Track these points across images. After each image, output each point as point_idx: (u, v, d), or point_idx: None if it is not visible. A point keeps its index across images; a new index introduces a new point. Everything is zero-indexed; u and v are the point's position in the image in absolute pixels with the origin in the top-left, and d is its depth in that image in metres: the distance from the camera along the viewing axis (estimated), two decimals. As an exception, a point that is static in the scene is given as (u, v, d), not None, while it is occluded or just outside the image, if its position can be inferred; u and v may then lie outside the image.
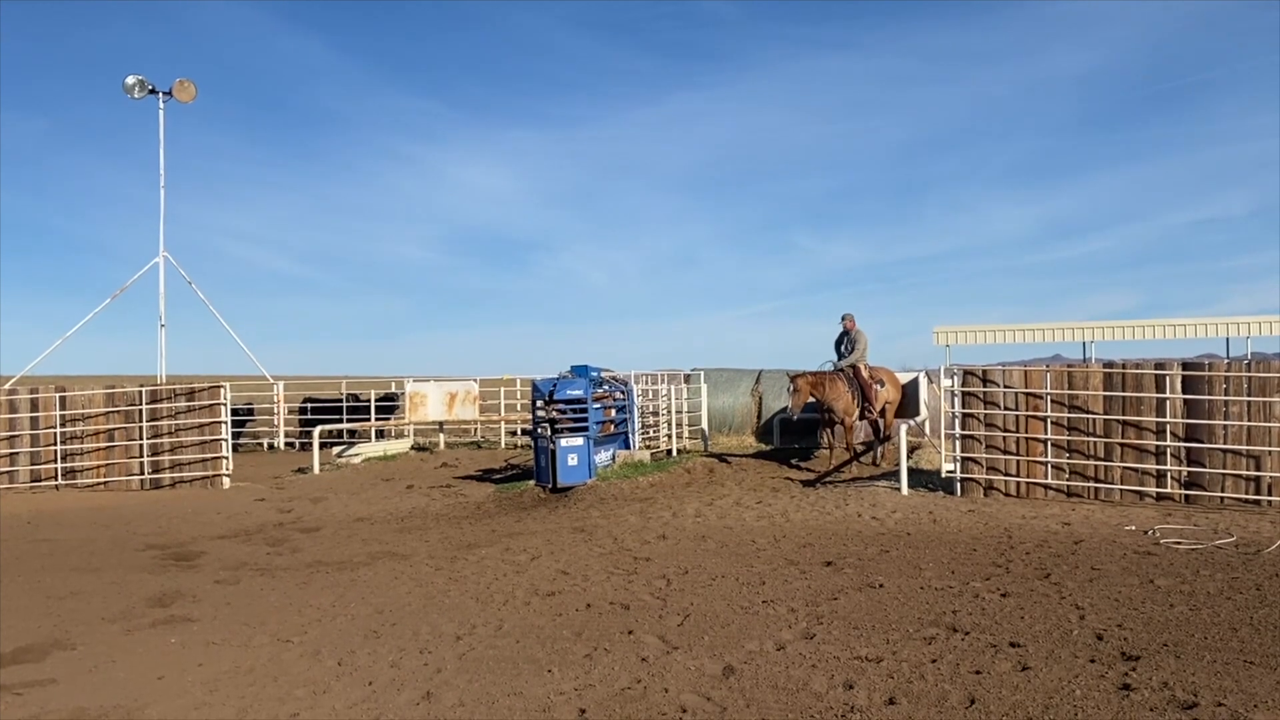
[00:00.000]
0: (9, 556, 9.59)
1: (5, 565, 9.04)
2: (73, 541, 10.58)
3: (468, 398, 20.56)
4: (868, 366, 15.52)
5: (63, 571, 8.70)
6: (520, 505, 12.38)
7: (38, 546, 10.31)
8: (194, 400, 16.01)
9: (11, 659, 5.85)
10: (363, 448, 19.97)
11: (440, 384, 20.79)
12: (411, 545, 9.56)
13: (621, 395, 15.63)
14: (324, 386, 27.23)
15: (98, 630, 6.52)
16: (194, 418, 15.95)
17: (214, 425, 15.90)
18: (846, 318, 15.81)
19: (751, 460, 15.83)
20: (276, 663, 5.62)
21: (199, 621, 6.68)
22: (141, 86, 23.79)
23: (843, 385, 15.05)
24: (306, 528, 11.02)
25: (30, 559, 9.44)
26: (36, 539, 10.83)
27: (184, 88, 23.94)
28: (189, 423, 15.95)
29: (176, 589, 7.71)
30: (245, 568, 8.61)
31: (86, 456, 16.11)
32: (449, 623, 6.41)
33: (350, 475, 16.69)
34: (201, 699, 5.01)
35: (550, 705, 4.74)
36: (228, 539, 10.37)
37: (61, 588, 7.92)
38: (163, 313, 23.82)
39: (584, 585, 7.42)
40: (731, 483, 13.53)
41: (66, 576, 8.40)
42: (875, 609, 6.42)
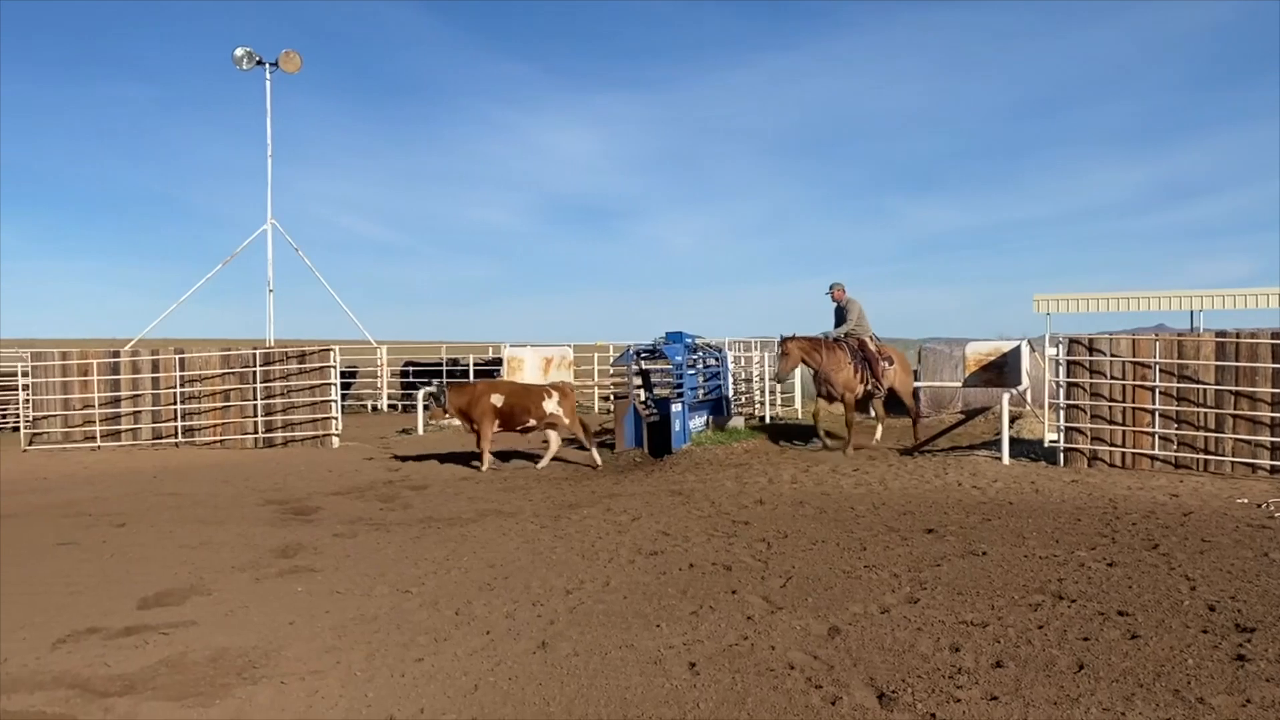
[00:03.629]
0: (141, 508, 10.18)
1: (139, 516, 9.59)
2: (197, 496, 11.15)
3: (563, 363, 20.86)
4: (875, 339, 14.35)
5: (191, 523, 9.20)
6: (616, 468, 12.61)
7: (165, 500, 10.91)
8: (305, 363, 16.64)
9: (155, 601, 6.26)
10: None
11: (536, 349, 21.13)
12: (516, 504, 9.85)
13: (715, 362, 15.74)
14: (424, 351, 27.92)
15: (229, 578, 6.93)
16: (305, 379, 16.58)
17: (324, 387, 16.51)
18: (835, 288, 14.44)
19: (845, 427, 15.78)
20: (398, 611, 5.92)
21: (322, 572, 7.04)
22: (249, 58, 24.50)
23: (844, 356, 13.81)
24: (415, 485, 11.42)
25: (160, 511, 10.00)
26: (163, 493, 11.45)
27: (289, 59, 24.58)
28: (300, 384, 16.58)
29: (298, 541, 8.11)
30: (361, 522, 9.00)
31: (204, 415, 16.89)
32: (557, 578, 6.64)
33: (452, 436, 17.15)
34: (331, 643, 5.31)
35: (661, 658, 4.92)
36: (341, 495, 10.81)
37: (192, 538, 8.39)
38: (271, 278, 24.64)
39: (685, 546, 7.58)
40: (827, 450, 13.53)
41: (195, 528, 8.88)
42: (979, 576, 6.44)
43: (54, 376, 17.19)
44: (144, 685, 4.69)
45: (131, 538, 8.49)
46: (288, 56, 24.50)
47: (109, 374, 17.06)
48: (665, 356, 14.18)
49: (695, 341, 15.08)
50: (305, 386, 16.64)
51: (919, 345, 19.91)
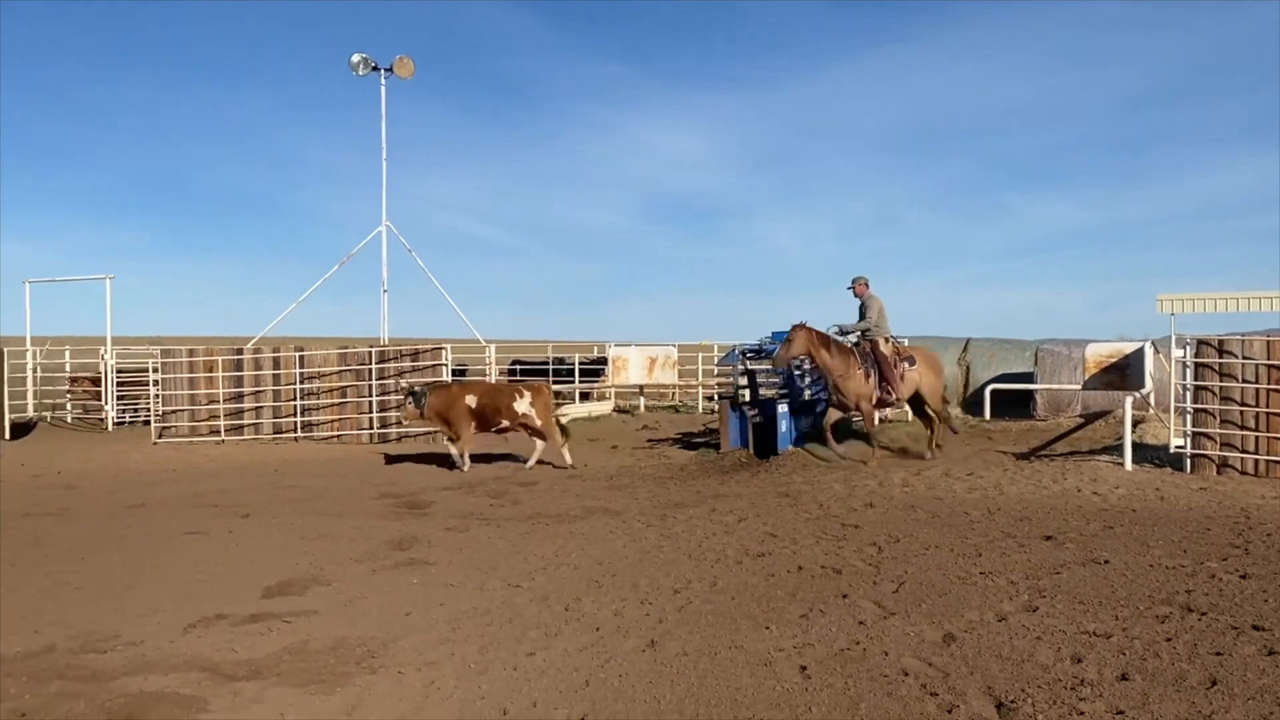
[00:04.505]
0: (264, 500, 10.58)
1: (262, 508, 9.96)
2: (316, 489, 11.54)
3: (667, 362, 20.95)
4: (891, 340, 13.09)
5: (311, 515, 9.51)
6: (722, 468, 12.57)
7: (286, 492, 11.32)
8: (418, 360, 17.06)
9: (278, 590, 6.49)
10: (568, 409, 20.68)
11: (641, 349, 21.26)
12: (622, 502, 9.91)
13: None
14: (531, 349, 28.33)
15: (348, 569, 7.13)
16: (417, 377, 16.98)
17: (436, 384, 16.89)
18: (857, 282, 13.22)
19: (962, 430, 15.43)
20: (509, 606, 6.01)
21: (436, 565, 7.20)
22: (365, 64, 25.17)
23: (854, 361, 12.67)
24: (523, 482, 11.58)
25: (282, 503, 10.38)
26: (284, 485, 11.87)
27: (403, 64, 25.18)
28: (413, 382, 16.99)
29: (413, 534, 8.30)
30: (472, 517, 9.17)
31: (322, 411, 17.45)
32: (665, 577, 6.64)
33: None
34: (446, 635, 5.43)
35: (771, 660, 4.88)
36: (452, 490, 11.04)
37: (312, 530, 8.67)
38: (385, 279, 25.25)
39: (793, 549, 7.51)
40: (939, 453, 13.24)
41: (315, 520, 9.18)
42: (1101, 585, 6.21)
43: (182, 373, 17.99)
44: (269, 671, 4.86)
45: (255, 528, 8.82)
46: (402, 62, 25.10)
47: (233, 370, 17.77)
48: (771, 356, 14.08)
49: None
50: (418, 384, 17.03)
51: (1035, 346, 19.30)
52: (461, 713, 4.29)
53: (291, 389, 17.52)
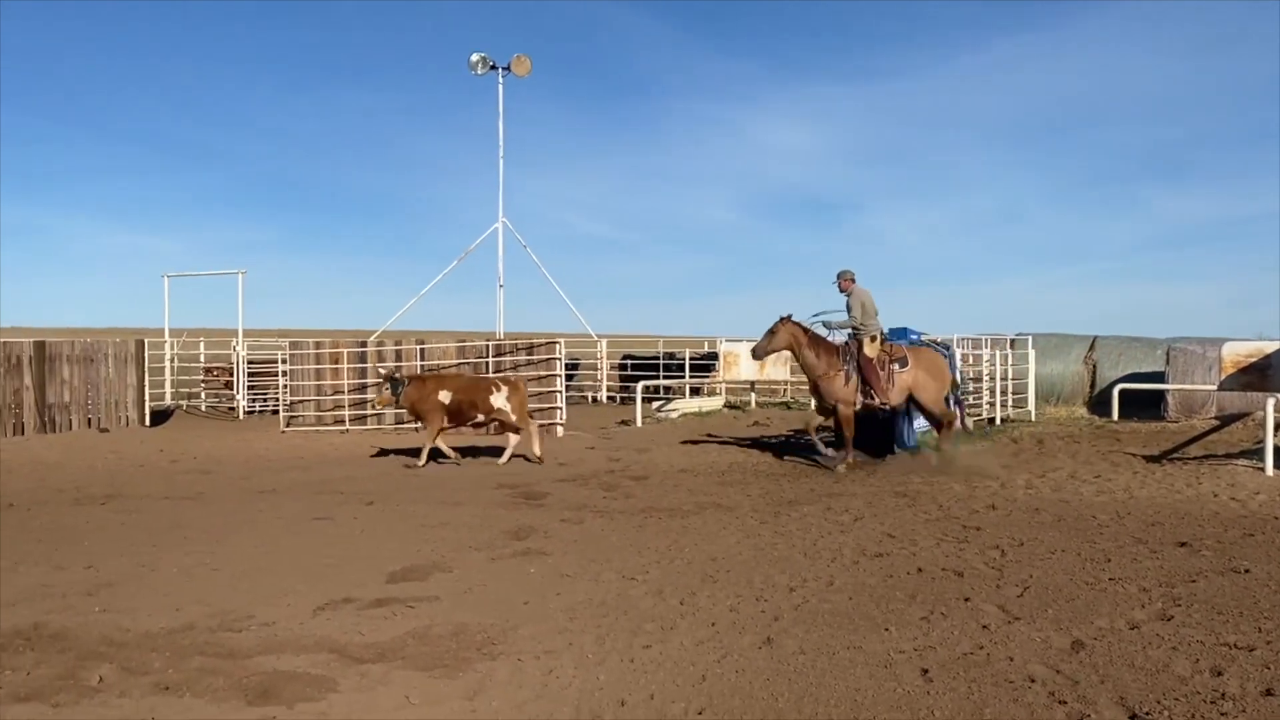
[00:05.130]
0: (387, 488, 10.89)
1: (385, 496, 10.26)
2: (435, 477, 11.83)
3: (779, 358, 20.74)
4: (879, 340, 12.23)
5: (430, 504, 9.75)
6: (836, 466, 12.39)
7: (408, 480, 11.63)
8: (533, 354, 17.33)
9: (402, 576, 6.68)
10: (679, 403, 20.72)
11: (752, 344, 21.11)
12: (734, 498, 9.87)
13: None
14: (642, 344, 28.46)
15: (467, 557, 7.29)
16: (532, 370, 17.25)
17: (550, 378, 17.13)
18: (842, 277, 12.46)
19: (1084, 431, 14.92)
20: (625, 598, 6.05)
21: (552, 555, 7.30)
22: (484, 63, 25.66)
23: (836, 362, 12.11)
24: (635, 476, 11.65)
25: (404, 491, 10.67)
26: (403, 474, 12.20)
27: (521, 62, 25.57)
28: (528, 375, 17.26)
29: (529, 525, 8.43)
30: (586, 509, 9.27)
31: (440, 403, 17.87)
32: (780, 574, 6.59)
33: (669, 429, 17.41)
34: (563, 625, 5.50)
35: (891, 662, 4.80)
36: (566, 482, 11.17)
37: (432, 518, 8.89)
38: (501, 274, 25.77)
39: (912, 549, 7.36)
40: (1064, 454, 12.83)
41: (435, 508, 9.41)
42: (1242, 595, 5.92)
43: (309, 364, 18.65)
44: (394, 654, 5.00)
45: (379, 515, 9.09)
46: (519, 61, 25.49)
47: (357, 362, 18.34)
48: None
49: (921, 338, 14.61)
50: (532, 377, 17.29)
51: (1166, 345, 18.50)
52: (580, 702, 4.34)
53: (411, 381, 17.98)
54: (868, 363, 12.08)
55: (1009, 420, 16.83)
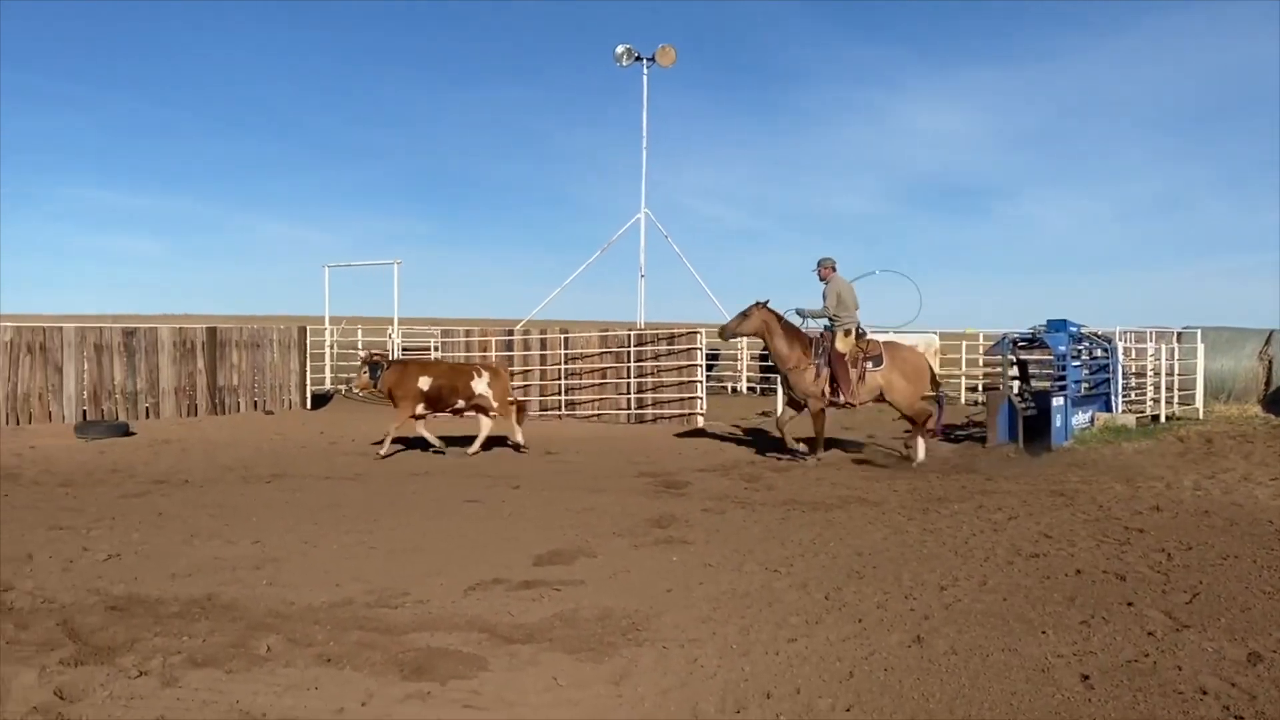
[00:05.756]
0: (533, 473, 11.13)
1: (531, 480, 10.48)
2: (578, 464, 12.01)
3: (928, 350, 20.23)
4: (852, 334, 11.64)
5: (574, 490, 9.90)
6: (987, 463, 11.97)
7: (551, 466, 11.85)
8: (673, 344, 17.38)
9: (548, 559, 6.80)
10: (823, 396, 20.42)
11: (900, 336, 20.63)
12: (880, 493, 9.66)
13: (1103, 353, 14.51)
14: (784, 335, 28.13)
15: (611, 542, 7.37)
16: (673, 360, 17.31)
17: (690, 368, 17.16)
18: (822, 265, 11.95)
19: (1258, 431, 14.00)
20: (769, 590, 6.00)
21: (694, 544, 7.30)
22: (629, 54, 25.80)
23: (809, 355, 11.65)
24: (777, 467, 11.55)
25: (547, 476, 10.87)
26: (550, 460, 12.44)
27: (665, 53, 25.60)
28: (668, 364, 17.34)
29: (671, 513, 8.46)
30: (728, 499, 9.24)
31: (583, 391, 18.15)
32: (930, 572, 6.42)
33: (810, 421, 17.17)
34: (707, 614, 5.49)
35: (1049, 666, 4.61)
36: (708, 472, 11.17)
37: (576, 503, 9.02)
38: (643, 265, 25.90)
39: (1070, 551, 7.05)
40: (1236, 455, 12.06)
41: (579, 494, 9.55)
42: None
43: (459, 352, 19.21)
44: (542, 636, 5.10)
45: (525, 499, 9.28)
46: (664, 51, 25.53)
47: (504, 350, 18.79)
48: (1046, 346, 13.27)
49: (1081, 330, 13.98)
50: (673, 367, 17.36)
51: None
52: (725, 693, 4.32)
53: (556, 369, 18.32)
54: (838, 358, 11.60)
55: (1174, 418, 15.94)
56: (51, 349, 16.30)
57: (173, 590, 6.00)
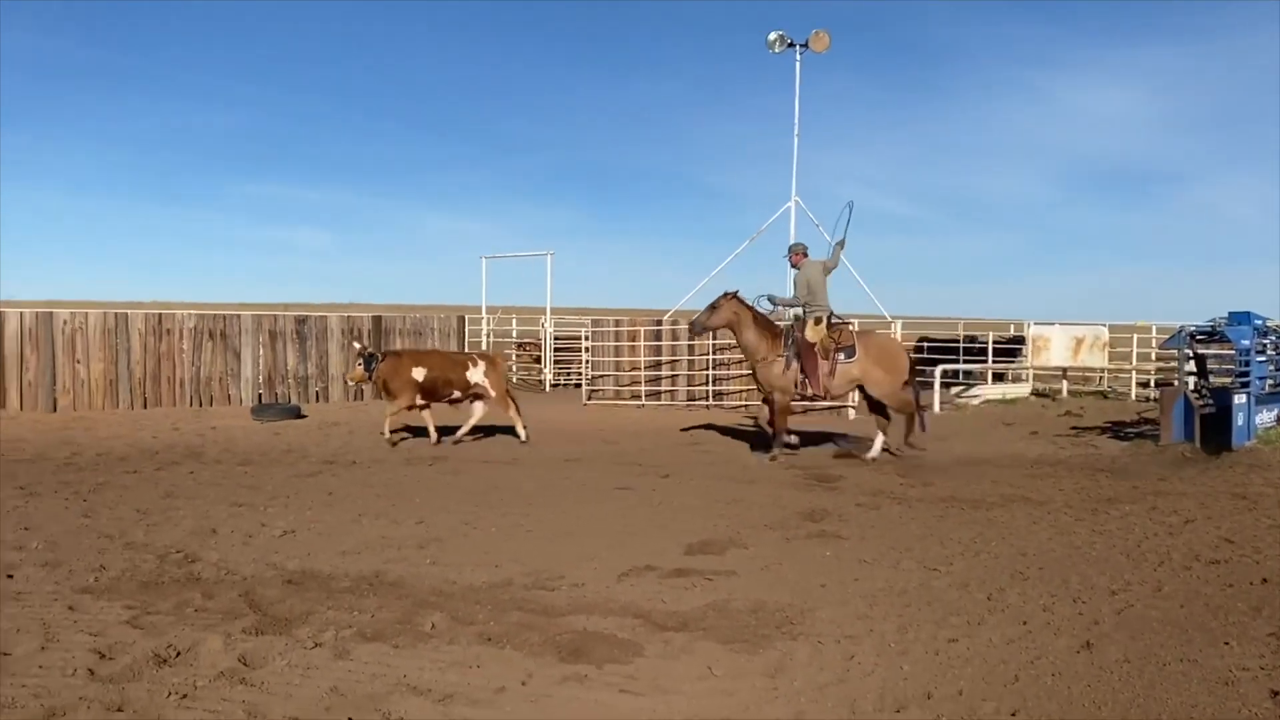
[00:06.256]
0: (681, 462, 11.17)
1: (680, 469, 10.53)
2: (726, 455, 11.99)
3: (1096, 344, 19.32)
4: (823, 323, 11.20)
5: (723, 480, 9.89)
6: (1160, 463, 11.33)
7: (700, 456, 11.87)
8: (827, 335, 17.14)
9: (699, 549, 6.82)
10: (981, 389, 19.79)
11: (1065, 328, 19.76)
12: (1045, 492, 9.27)
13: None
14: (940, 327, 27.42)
15: (761, 535, 7.33)
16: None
17: (843, 359, 16.87)
18: (794, 251, 11.73)
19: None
20: (927, 589, 5.85)
21: (848, 540, 7.18)
22: (781, 41, 25.47)
23: (779, 347, 11.24)
24: (934, 463, 11.24)
25: (697, 466, 10.90)
26: (698, 450, 12.46)
27: (819, 39, 25.17)
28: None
29: (823, 507, 8.35)
30: (882, 494, 9.05)
31: (731, 381, 18.10)
32: (1099, 576, 6.13)
33: (969, 416, 16.68)
34: (862, 611, 5.39)
35: (1233, 680, 4.33)
36: (860, 466, 10.96)
37: (726, 494, 9.01)
38: (793, 253, 25.64)
39: (1255, 558, 6.61)
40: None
41: (729, 485, 9.54)
42: None
43: (608, 341, 19.45)
44: (695, 624, 5.11)
45: (675, 488, 9.33)
46: (818, 36, 25.11)
47: (653, 340, 18.92)
48: (1227, 340, 12.45)
49: (1267, 324, 13.06)
50: (825, 358, 17.11)
51: None
52: (883, 691, 4.24)
53: (704, 359, 18.32)
54: (806, 348, 11.15)
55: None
56: (231, 336, 17.34)
57: (343, 566, 6.29)
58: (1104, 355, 19.33)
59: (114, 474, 9.96)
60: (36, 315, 16.21)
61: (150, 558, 6.44)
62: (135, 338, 16.63)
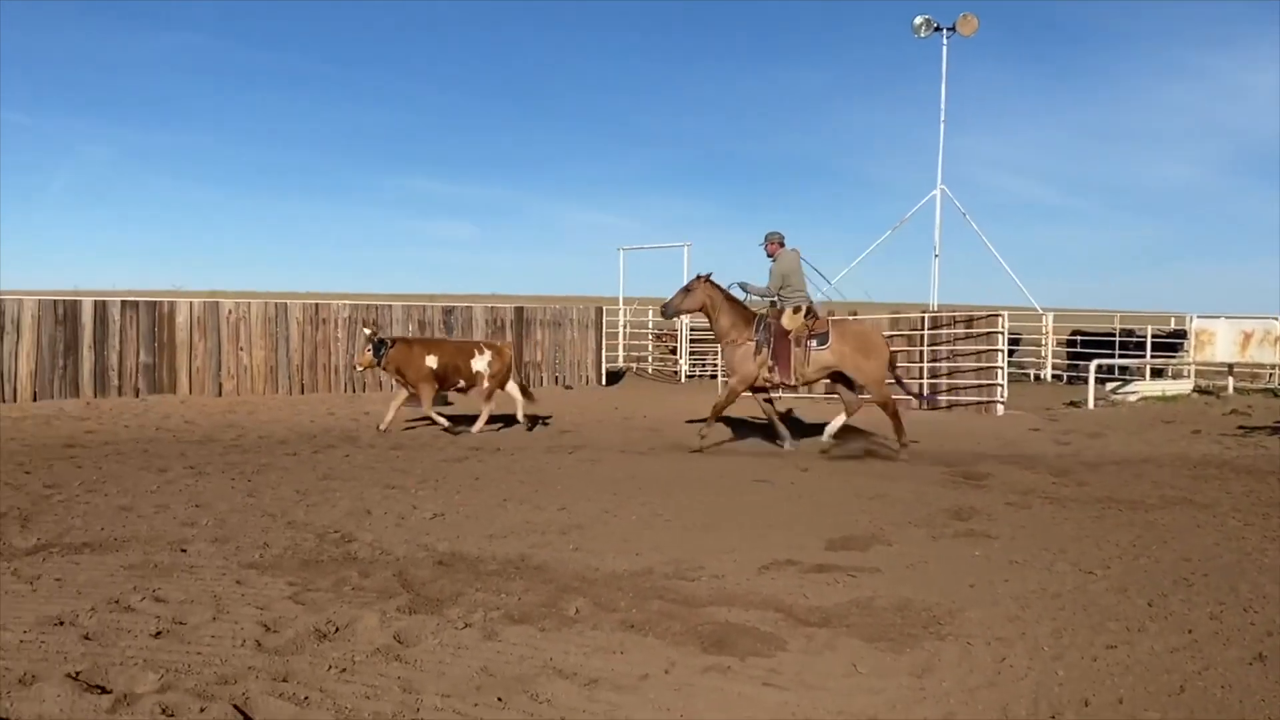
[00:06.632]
0: (815, 456, 11.03)
1: (818, 463, 10.41)
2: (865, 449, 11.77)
3: (1267, 338, 18.17)
4: (801, 311, 11.10)
5: (865, 475, 9.74)
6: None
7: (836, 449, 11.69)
8: (971, 328, 16.63)
9: (841, 544, 6.72)
10: (1139, 385, 18.86)
11: (1233, 322, 18.66)
12: (1210, 494, 8.78)
13: None
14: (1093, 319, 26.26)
15: (906, 532, 7.17)
16: (970, 344, 16.57)
17: (990, 353, 16.35)
18: (769, 240, 11.50)
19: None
20: (1082, 592, 5.61)
21: (998, 539, 6.96)
22: (928, 25, 24.91)
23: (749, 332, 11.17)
24: (1088, 462, 10.79)
25: (836, 460, 10.76)
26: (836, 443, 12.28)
27: (967, 21, 24.50)
28: (965, 349, 16.61)
29: (970, 505, 8.11)
30: (1033, 494, 8.73)
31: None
32: (1273, 584, 5.75)
33: (1126, 413, 15.93)
34: (1014, 613, 5.21)
35: None
36: (1009, 464, 10.60)
37: (868, 489, 8.86)
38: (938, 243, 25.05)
39: None
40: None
41: (871, 480, 9.37)
42: None
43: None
44: (838, 621, 5.04)
45: (815, 482, 9.23)
46: (965, 20, 24.44)
47: (792, 332, 18.75)
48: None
49: None
50: (970, 352, 16.62)
51: None
52: (1037, 695, 4.09)
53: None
54: (780, 335, 11.08)
55: None
56: (384, 325, 18.00)
57: (490, 549, 6.46)
58: (1276, 350, 18.16)
59: (275, 456, 10.49)
60: (204, 305, 17.21)
61: (310, 536, 6.75)
62: (294, 326, 17.46)
